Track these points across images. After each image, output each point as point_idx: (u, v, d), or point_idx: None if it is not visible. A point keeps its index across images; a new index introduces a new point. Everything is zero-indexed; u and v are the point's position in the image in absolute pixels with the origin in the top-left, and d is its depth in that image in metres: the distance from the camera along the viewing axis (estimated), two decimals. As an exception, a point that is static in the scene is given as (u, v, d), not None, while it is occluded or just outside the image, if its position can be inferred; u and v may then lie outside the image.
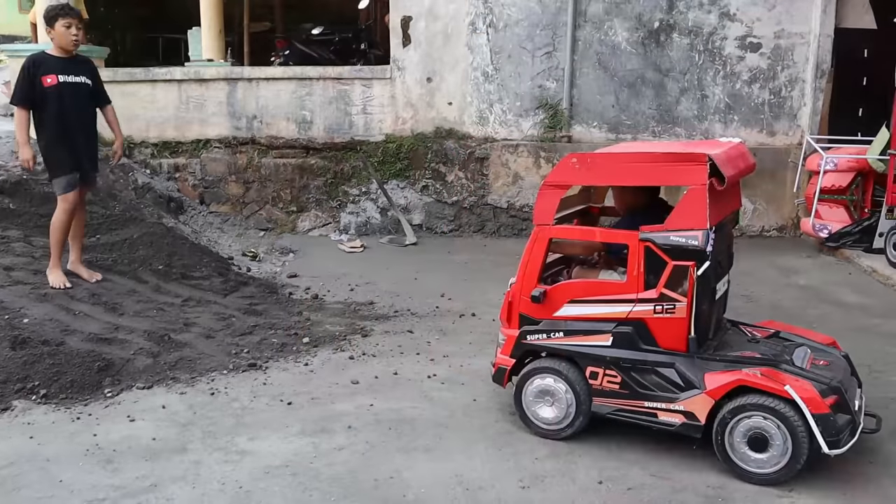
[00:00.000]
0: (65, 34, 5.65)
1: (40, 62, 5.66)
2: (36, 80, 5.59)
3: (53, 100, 5.62)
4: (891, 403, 4.40)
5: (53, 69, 5.65)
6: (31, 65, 5.64)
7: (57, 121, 5.65)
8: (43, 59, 5.70)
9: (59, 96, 5.64)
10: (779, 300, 6.42)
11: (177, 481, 3.56)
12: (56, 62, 5.70)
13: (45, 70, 5.63)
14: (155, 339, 5.03)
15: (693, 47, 8.64)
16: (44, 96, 5.61)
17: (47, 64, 5.67)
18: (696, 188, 3.59)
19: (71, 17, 5.69)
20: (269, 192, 8.91)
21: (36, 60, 5.67)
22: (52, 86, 5.62)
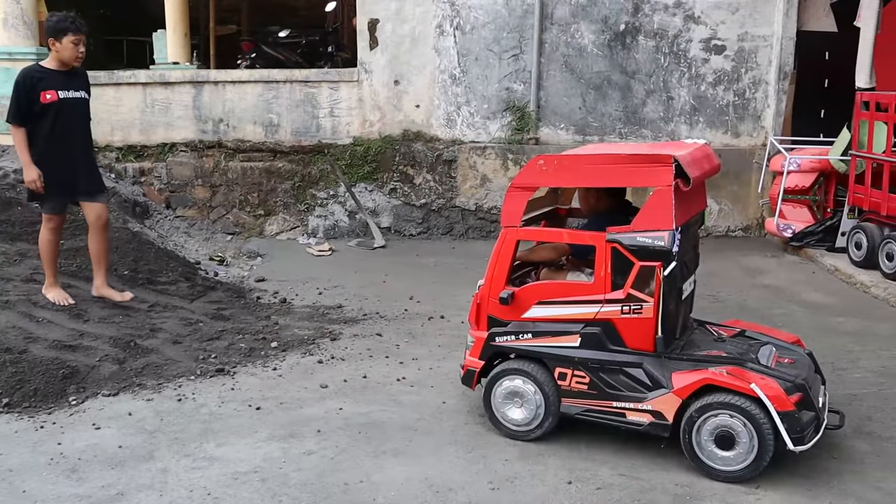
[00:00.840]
0: (72, 50, 5.34)
1: (39, 76, 5.34)
2: (34, 95, 5.28)
3: (51, 117, 5.32)
4: (853, 400, 4.48)
5: (53, 84, 5.34)
6: (25, 79, 5.31)
7: (54, 139, 5.35)
8: (41, 72, 5.39)
9: (58, 113, 5.35)
10: (744, 300, 6.50)
11: (143, 489, 3.51)
12: (56, 77, 5.38)
13: (45, 85, 5.31)
14: (121, 346, 4.97)
15: (658, 50, 8.72)
16: (41, 112, 5.31)
17: (47, 79, 5.35)
18: (662, 189, 3.63)
19: (81, 33, 5.37)
20: (236, 195, 8.84)
21: (33, 74, 5.35)
22: (52, 102, 5.31)
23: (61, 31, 5.33)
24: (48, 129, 5.35)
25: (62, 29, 5.33)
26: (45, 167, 5.36)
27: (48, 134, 5.35)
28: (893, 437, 4.07)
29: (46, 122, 5.34)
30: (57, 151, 5.40)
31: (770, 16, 8.64)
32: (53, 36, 5.36)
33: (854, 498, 3.49)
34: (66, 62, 5.42)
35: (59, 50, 5.38)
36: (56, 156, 5.40)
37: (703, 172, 3.89)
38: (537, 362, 3.92)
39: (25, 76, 5.36)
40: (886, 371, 4.94)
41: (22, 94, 5.30)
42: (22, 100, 5.30)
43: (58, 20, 5.39)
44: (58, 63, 5.42)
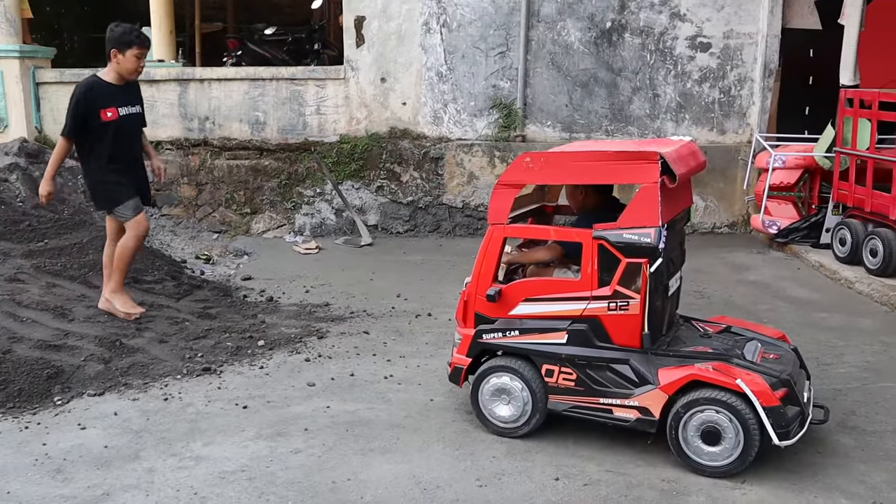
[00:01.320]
0: (134, 64, 5.25)
1: (98, 92, 5.21)
2: (92, 111, 5.16)
3: (111, 134, 5.22)
4: (838, 395, 4.51)
5: (113, 100, 5.24)
6: (87, 94, 5.17)
7: (114, 155, 5.26)
8: (100, 87, 5.25)
9: (118, 130, 5.25)
10: (730, 296, 6.53)
11: (130, 489, 3.50)
12: (115, 92, 5.28)
13: (105, 102, 5.20)
14: (106, 345, 4.94)
15: (645, 47, 8.74)
16: (101, 129, 5.20)
17: (107, 95, 5.23)
18: (648, 186, 3.64)
19: (146, 47, 5.29)
20: (222, 194, 8.81)
21: (93, 89, 5.21)
22: (112, 120, 5.21)
23: (126, 44, 5.20)
24: (110, 146, 5.24)
25: (127, 42, 5.20)
26: (109, 178, 5.28)
27: (110, 151, 5.25)
28: (877, 431, 4.10)
29: (107, 139, 5.22)
30: (118, 166, 5.33)
31: (755, 13, 8.67)
32: (117, 47, 5.22)
33: (839, 491, 3.52)
34: (126, 76, 5.31)
35: (120, 62, 5.24)
36: (117, 169, 5.33)
37: (689, 169, 3.91)
38: (524, 359, 3.93)
39: (87, 91, 5.19)
40: (870, 366, 4.98)
41: (81, 109, 5.15)
42: (79, 116, 5.15)
43: (123, 32, 5.24)
44: (116, 76, 5.30)
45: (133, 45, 5.22)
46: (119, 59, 5.25)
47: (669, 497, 3.47)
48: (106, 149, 5.25)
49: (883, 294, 6.37)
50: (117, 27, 5.30)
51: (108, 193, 5.37)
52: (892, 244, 6.62)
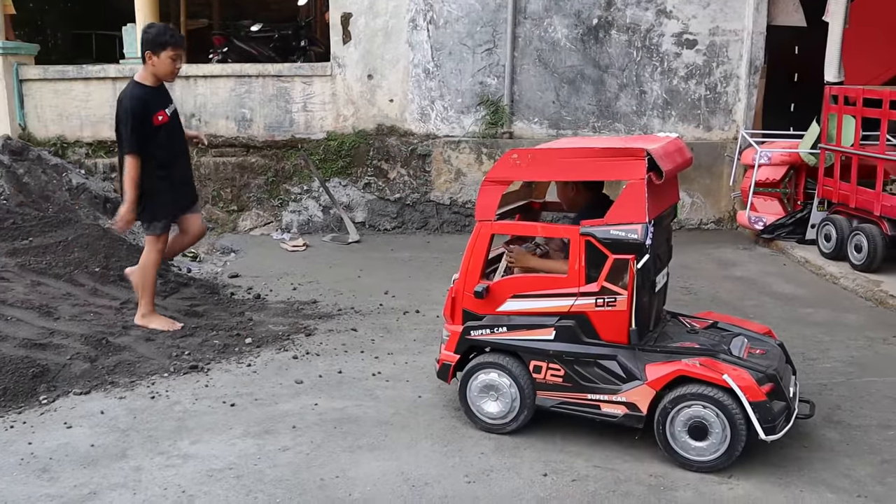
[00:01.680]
0: (169, 65, 5.12)
1: (147, 98, 5.09)
2: (147, 119, 5.05)
3: (164, 137, 5.14)
4: (823, 390, 4.54)
5: (160, 104, 5.15)
6: (140, 103, 5.04)
7: (167, 160, 5.19)
8: (146, 93, 5.12)
9: (169, 133, 5.19)
10: (717, 291, 6.56)
11: (117, 488, 3.48)
12: (157, 95, 5.18)
13: (155, 106, 5.11)
14: (92, 343, 4.92)
15: (631, 44, 8.76)
16: (153, 134, 5.09)
17: (154, 99, 5.14)
18: (635, 183, 3.65)
19: (182, 48, 5.16)
20: (208, 191, 8.77)
21: (142, 97, 5.08)
22: (164, 123, 5.13)
23: (161, 46, 5.07)
24: (164, 150, 5.16)
25: (162, 43, 5.07)
26: (161, 190, 5.18)
27: (165, 155, 5.17)
28: (862, 425, 4.13)
29: (161, 143, 5.14)
30: (175, 171, 5.28)
31: (741, 10, 8.71)
32: (152, 49, 5.09)
33: (824, 486, 3.54)
34: (162, 77, 5.20)
35: (155, 64, 5.12)
36: (175, 175, 5.28)
37: (676, 166, 3.92)
38: (512, 355, 3.93)
39: (138, 100, 5.06)
40: (855, 361, 5.02)
41: (138, 119, 5.03)
42: (137, 126, 5.02)
43: (157, 33, 5.12)
44: (153, 79, 5.18)
45: (168, 47, 5.08)
46: (154, 62, 5.12)
47: (657, 492, 3.48)
48: (156, 154, 5.13)
49: (867, 289, 6.41)
50: (151, 28, 5.20)
51: (152, 204, 5.24)
52: (877, 240, 6.67)
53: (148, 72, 5.17)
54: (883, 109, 6.71)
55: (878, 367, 4.92)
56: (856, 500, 3.44)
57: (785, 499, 3.44)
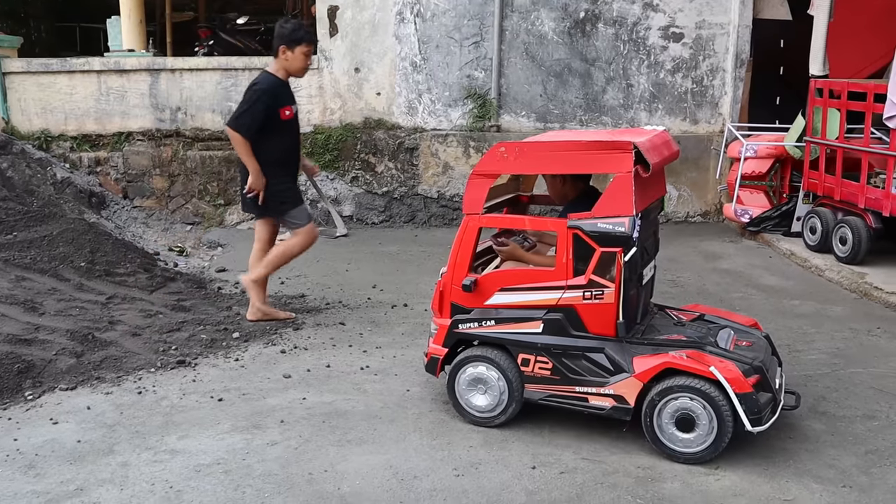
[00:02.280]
0: (302, 61, 5.14)
1: (278, 90, 5.14)
2: (273, 110, 5.09)
3: (287, 132, 5.18)
4: (809, 381, 4.57)
5: (288, 99, 5.21)
6: (271, 91, 5.09)
7: (284, 156, 5.24)
8: (278, 84, 5.16)
9: (292, 128, 5.23)
10: (703, 284, 6.59)
11: (104, 484, 3.47)
12: (286, 90, 5.22)
13: (283, 101, 5.15)
14: (78, 339, 4.89)
15: (618, 37, 8.77)
16: (278, 128, 5.13)
17: (283, 93, 5.18)
18: (622, 176, 3.66)
19: (313, 43, 5.15)
20: (195, 185, 8.73)
21: (273, 88, 5.12)
22: (290, 119, 5.17)
23: (296, 41, 5.07)
24: (288, 144, 5.18)
25: (297, 39, 5.08)
26: (286, 180, 5.24)
27: (287, 149, 5.21)
28: (847, 416, 4.17)
29: (282, 138, 5.15)
30: (288, 165, 5.32)
31: (726, 4, 8.73)
32: (287, 44, 5.08)
33: (810, 476, 3.57)
34: (293, 73, 5.21)
35: (289, 59, 5.12)
36: (287, 167, 5.31)
37: (663, 159, 3.93)
38: (500, 349, 3.94)
39: (271, 88, 5.08)
40: (840, 352, 5.06)
41: (262, 106, 5.04)
42: (260, 112, 5.04)
43: (293, 28, 5.13)
44: (283, 73, 5.19)
45: (302, 42, 5.09)
46: (287, 56, 5.12)
47: (645, 483, 3.50)
48: (278, 149, 5.16)
49: (852, 281, 6.46)
50: (287, 23, 5.20)
51: (281, 197, 5.28)
52: (861, 232, 6.72)
53: (280, 65, 5.17)
54: (867, 103, 6.75)
55: (862, 359, 4.96)
56: (841, 490, 3.47)
57: (771, 489, 3.46)
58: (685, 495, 3.41)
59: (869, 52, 8.44)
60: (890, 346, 5.20)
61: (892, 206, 6.45)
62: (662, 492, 3.44)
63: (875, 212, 6.66)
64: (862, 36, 8.39)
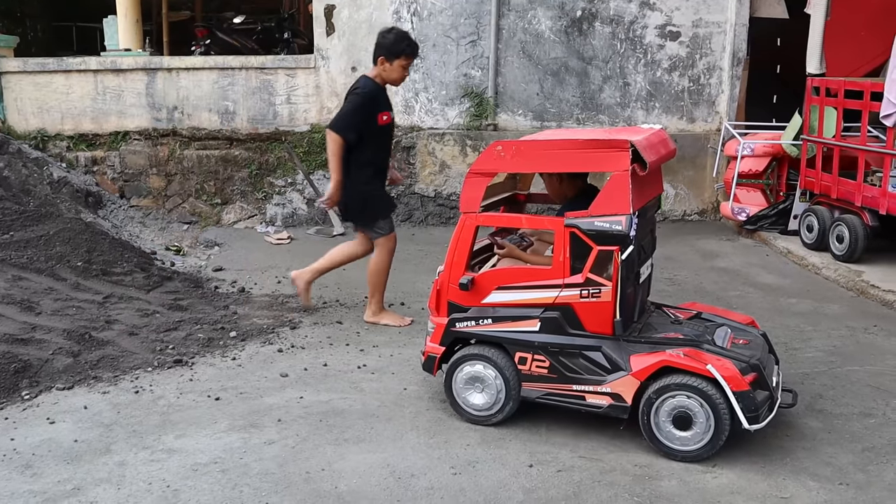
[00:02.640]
0: (400, 73, 5.13)
1: (377, 95, 5.13)
2: (373, 114, 5.07)
3: (384, 138, 5.19)
4: (806, 379, 4.57)
5: (386, 105, 5.18)
6: (372, 94, 5.09)
7: (382, 165, 5.22)
8: (377, 89, 5.16)
9: (387, 134, 5.24)
10: (700, 282, 6.60)
11: (101, 483, 3.46)
12: (384, 95, 5.20)
13: (383, 106, 5.13)
14: (75, 338, 4.88)
15: (615, 36, 8.77)
16: (375, 133, 5.10)
17: (382, 98, 5.16)
18: (619, 174, 3.66)
19: (414, 56, 5.16)
20: (192, 184, 8.72)
21: (373, 92, 5.12)
22: (387, 124, 5.17)
23: (395, 54, 5.06)
24: (377, 151, 5.15)
25: (397, 52, 5.06)
26: (375, 182, 5.21)
27: (381, 160, 5.18)
28: (844, 413, 4.17)
29: (377, 144, 5.13)
30: (379, 173, 5.29)
31: (723, 2, 8.73)
32: (385, 56, 5.08)
33: (807, 474, 3.58)
34: (390, 83, 5.20)
35: (386, 70, 5.12)
36: (379, 174, 5.29)
37: (660, 157, 3.93)
38: (497, 347, 3.94)
39: (372, 92, 5.11)
40: (837, 350, 5.06)
41: (366, 110, 5.06)
42: (361, 113, 5.05)
43: (395, 40, 5.09)
44: (381, 80, 5.18)
45: (402, 55, 5.08)
46: (386, 67, 5.12)
47: (642, 482, 3.50)
48: (372, 155, 5.15)
49: (849, 279, 6.47)
50: (389, 34, 5.17)
51: (371, 206, 5.28)
52: (858, 230, 6.73)
53: (377, 73, 5.16)
54: (864, 101, 6.75)
55: (859, 357, 4.97)
56: (838, 487, 3.48)
57: (768, 487, 3.47)
58: (682, 493, 3.42)
59: (865, 51, 8.45)
60: (886, 343, 5.20)
61: (888, 204, 6.45)
62: (660, 490, 3.44)
63: (872, 210, 6.67)
64: (859, 34, 8.40)
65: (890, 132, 6.47)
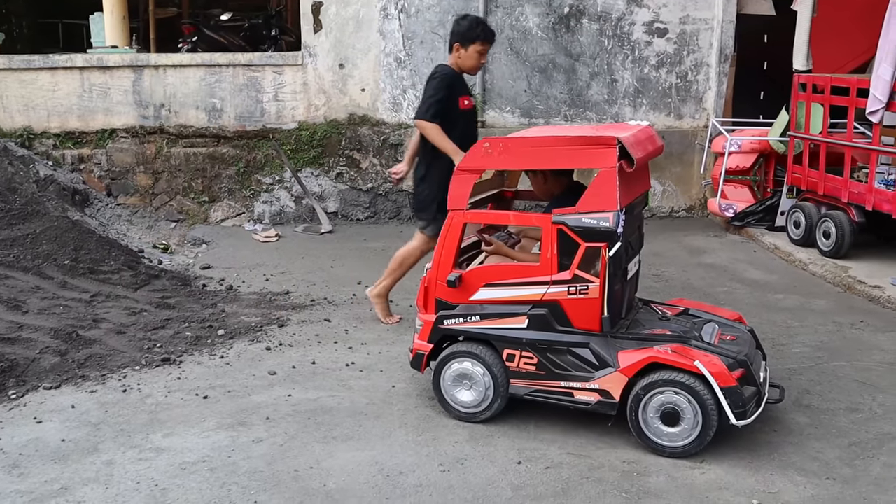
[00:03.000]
0: (475, 60, 5.01)
1: (454, 81, 5.01)
2: (453, 97, 4.95)
3: (462, 125, 5.02)
4: (793, 374, 4.60)
5: (464, 89, 5.07)
6: (449, 78, 4.98)
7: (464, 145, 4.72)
8: (454, 76, 5.03)
9: (468, 119, 5.11)
10: (688, 279, 6.62)
11: (89, 483, 3.45)
12: (461, 81, 5.08)
13: (460, 90, 5.02)
14: (62, 337, 4.86)
15: (602, 32, 8.78)
16: (454, 118, 4.96)
17: (459, 83, 5.05)
18: (606, 171, 3.66)
19: (490, 42, 5.01)
20: (179, 182, 8.68)
21: (450, 78, 5.00)
22: (467, 109, 5.05)
23: (470, 40, 4.95)
24: (465, 134, 4.98)
25: (472, 38, 4.95)
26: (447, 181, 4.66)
27: (463, 139, 4.87)
28: (830, 409, 4.20)
29: (457, 130, 4.98)
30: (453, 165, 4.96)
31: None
32: (460, 42, 4.99)
33: (794, 469, 3.60)
34: (466, 70, 5.10)
35: (461, 57, 5.03)
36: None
37: (647, 154, 3.94)
38: (486, 344, 3.94)
39: (448, 76, 5.01)
40: (823, 346, 5.09)
41: (443, 90, 4.94)
42: (442, 95, 4.94)
43: (468, 27, 4.99)
44: (457, 68, 5.09)
45: (476, 41, 4.96)
46: (461, 54, 5.02)
47: (630, 478, 3.51)
48: (455, 139, 4.96)
49: (836, 275, 6.50)
50: (463, 20, 5.09)
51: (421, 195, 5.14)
52: (845, 226, 6.76)
53: (453, 60, 5.09)
54: (850, 97, 6.79)
55: (846, 352, 4.99)
56: (825, 482, 3.50)
57: (756, 482, 3.48)
58: (670, 489, 3.43)
59: (852, 48, 8.49)
60: (873, 339, 5.24)
61: (874, 201, 6.49)
62: (648, 486, 3.45)
63: (858, 206, 6.71)
64: (845, 31, 8.44)
65: (876, 128, 6.51)
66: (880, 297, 5.96)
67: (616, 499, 3.35)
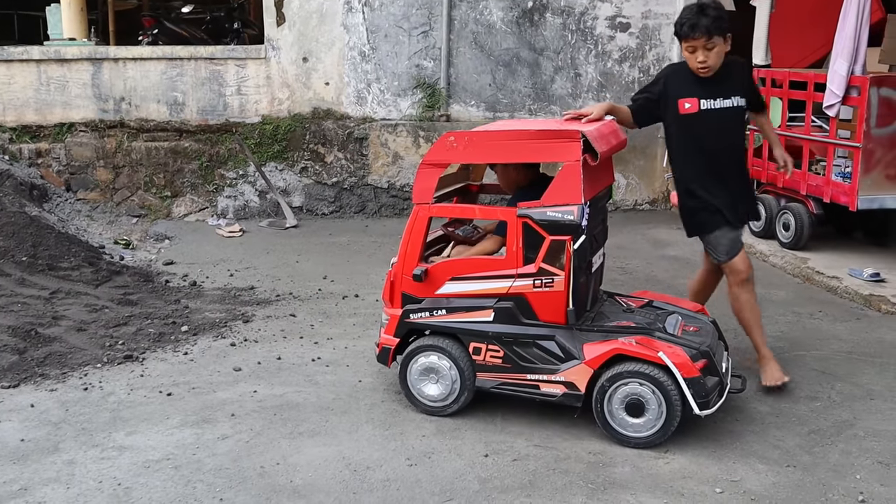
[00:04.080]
0: (689, 60, 4.28)
1: (670, 77, 4.41)
2: (670, 98, 4.31)
3: (688, 132, 4.34)
4: (754, 364, 4.66)
5: (690, 91, 4.30)
6: (668, 74, 4.45)
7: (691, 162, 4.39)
8: (683, 72, 4.37)
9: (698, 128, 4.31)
10: (652, 271, 6.68)
11: (49, 483, 3.39)
12: (697, 81, 4.32)
13: (680, 90, 4.31)
14: (20, 335, 4.77)
15: (566, 27, 8.82)
16: (677, 123, 4.37)
17: (684, 82, 4.34)
18: (570, 164, 3.69)
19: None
20: (140, 177, 8.56)
21: (677, 72, 4.43)
22: (691, 113, 4.28)
23: (678, 37, 4.33)
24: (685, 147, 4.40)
25: (676, 34, 4.35)
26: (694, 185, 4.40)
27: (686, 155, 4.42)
28: (791, 397, 4.27)
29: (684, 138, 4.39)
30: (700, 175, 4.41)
31: (672, -6, 8.84)
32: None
33: (755, 457, 3.66)
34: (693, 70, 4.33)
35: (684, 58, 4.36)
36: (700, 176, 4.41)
37: (611, 147, 3.97)
38: (452, 338, 3.95)
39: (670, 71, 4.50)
40: (784, 336, 5.18)
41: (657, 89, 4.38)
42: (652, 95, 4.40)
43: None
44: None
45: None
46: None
47: (596, 469, 3.54)
48: (682, 152, 4.43)
49: (795, 266, 6.61)
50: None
51: (690, 216, 4.52)
52: (804, 218, 6.88)
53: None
54: (808, 92, 6.90)
55: (805, 342, 5.09)
56: (785, 469, 3.56)
57: (719, 470, 3.54)
58: (636, 479, 3.47)
59: (809, 43, 8.61)
60: (831, 328, 5.34)
61: (832, 193, 6.61)
62: (613, 476, 3.49)
63: (816, 198, 6.82)
64: (802, 27, 8.55)
65: (833, 122, 6.62)
66: (838, 287, 6.07)
67: (582, 490, 3.38)
